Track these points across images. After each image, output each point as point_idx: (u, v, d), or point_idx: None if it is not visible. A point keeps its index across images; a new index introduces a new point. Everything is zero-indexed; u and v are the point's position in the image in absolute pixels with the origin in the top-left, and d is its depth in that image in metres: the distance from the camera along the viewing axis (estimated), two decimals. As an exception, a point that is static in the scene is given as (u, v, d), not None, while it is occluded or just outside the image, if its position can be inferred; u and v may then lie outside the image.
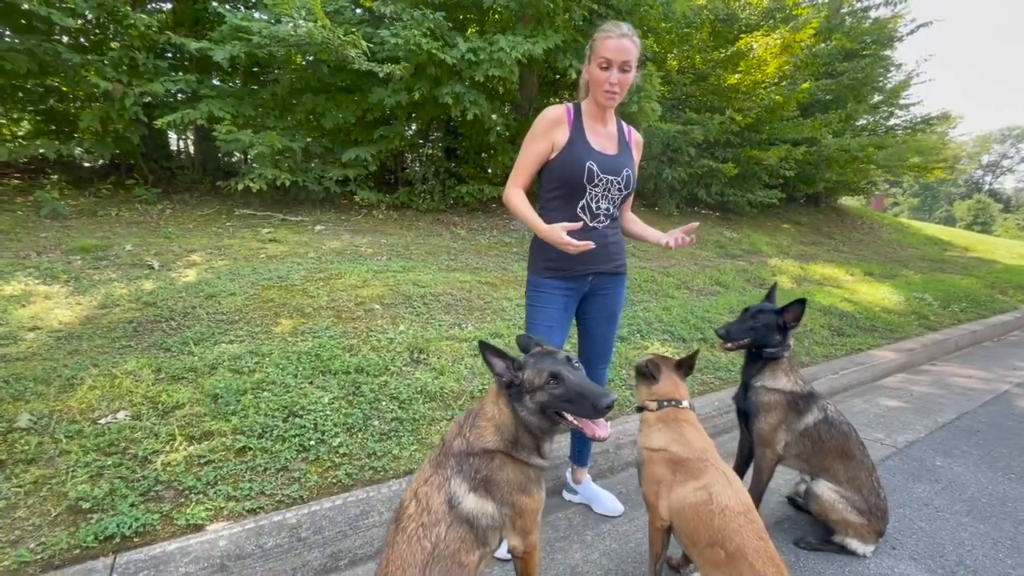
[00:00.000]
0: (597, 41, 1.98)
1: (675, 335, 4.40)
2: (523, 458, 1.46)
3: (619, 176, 2.12)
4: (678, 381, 1.92)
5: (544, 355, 1.48)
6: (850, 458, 2.13)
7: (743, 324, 2.21)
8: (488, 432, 1.45)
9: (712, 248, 7.96)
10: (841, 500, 2.08)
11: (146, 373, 2.70)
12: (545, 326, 2.14)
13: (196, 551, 1.80)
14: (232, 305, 3.66)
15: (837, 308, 5.87)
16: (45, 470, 2.03)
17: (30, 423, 2.23)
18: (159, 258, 4.45)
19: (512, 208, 2.08)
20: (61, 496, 1.93)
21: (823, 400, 2.24)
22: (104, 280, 3.89)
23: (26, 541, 1.76)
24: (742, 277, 6.68)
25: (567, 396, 1.40)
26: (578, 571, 2.01)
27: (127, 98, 5.30)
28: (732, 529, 1.54)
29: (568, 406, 1.40)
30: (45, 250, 4.33)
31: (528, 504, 1.47)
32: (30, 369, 2.60)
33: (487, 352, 1.44)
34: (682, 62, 8.73)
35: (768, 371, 2.21)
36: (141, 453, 2.18)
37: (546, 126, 2.06)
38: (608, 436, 1.44)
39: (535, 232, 2.02)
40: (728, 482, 1.64)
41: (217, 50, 5.36)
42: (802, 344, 4.77)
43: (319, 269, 4.57)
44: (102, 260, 4.29)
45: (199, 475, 2.13)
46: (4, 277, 3.64)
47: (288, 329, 3.47)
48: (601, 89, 2.00)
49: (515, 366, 1.46)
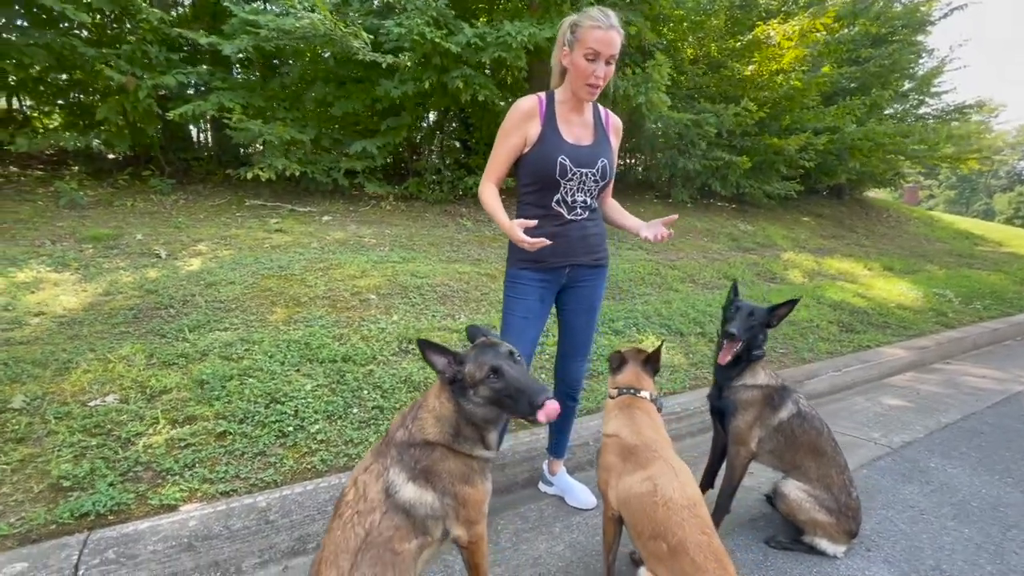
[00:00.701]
0: (583, 30, 1.91)
1: (672, 329, 4.34)
2: (465, 450, 1.47)
3: (594, 168, 2.09)
4: (641, 373, 1.91)
5: (485, 348, 1.48)
6: (821, 455, 2.09)
7: (746, 323, 2.11)
8: (429, 424, 1.47)
9: (724, 241, 7.80)
10: (809, 499, 2.04)
11: (139, 358, 2.80)
12: (520, 317, 2.14)
13: (166, 530, 1.87)
14: (230, 293, 3.75)
15: (849, 304, 5.70)
16: (33, 449, 2.13)
17: (24, 404, 2.34)
18: (167, 247, 4.59)
19: (482, 203, 2.07)
20: (45, 474, 2.02)
21: (796, 394, 2.19)
22: (112, 268, 4.03)
23: (7, 516, 1.85)
24: (752, 271, 6.54)
25: (506, 391, 1.40)
26: (540, 562, 2.02)
27: (140, 91, 5.43)
28: (675, 522, 1.53)
29: (508, 400, 1.41)
30: (60, 238, 4.50)
31: (472, 495, 1.48)
32: (30, 353, 2.73)
33: (427, 350, 1.45)
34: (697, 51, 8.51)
35: (749, 370, 2.16)
36: (125, 435, 2.26)
37: (518, 119, 2.03)
38: (546, 420, 1.44)
39: (498, 224, 2.00)
40: (675, 474, 1.62)
41: (226, 44, 5.46)
42: (806, 340, 4.66)
43: (320, 259, 4.64)
44: (113, 249, 4.44)
45: (178, 457, 2.21)
46: (18, 264, 3.80)
47: (282, 317, 3.54)
48: (585, 81, 1.95)
49: (457, 360, 1.47)
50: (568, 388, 2.37)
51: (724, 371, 2.20)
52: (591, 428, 2.88)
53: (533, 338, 2.17)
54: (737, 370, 2.17)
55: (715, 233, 8.08)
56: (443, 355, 1.46)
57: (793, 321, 4.97)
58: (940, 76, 11.82)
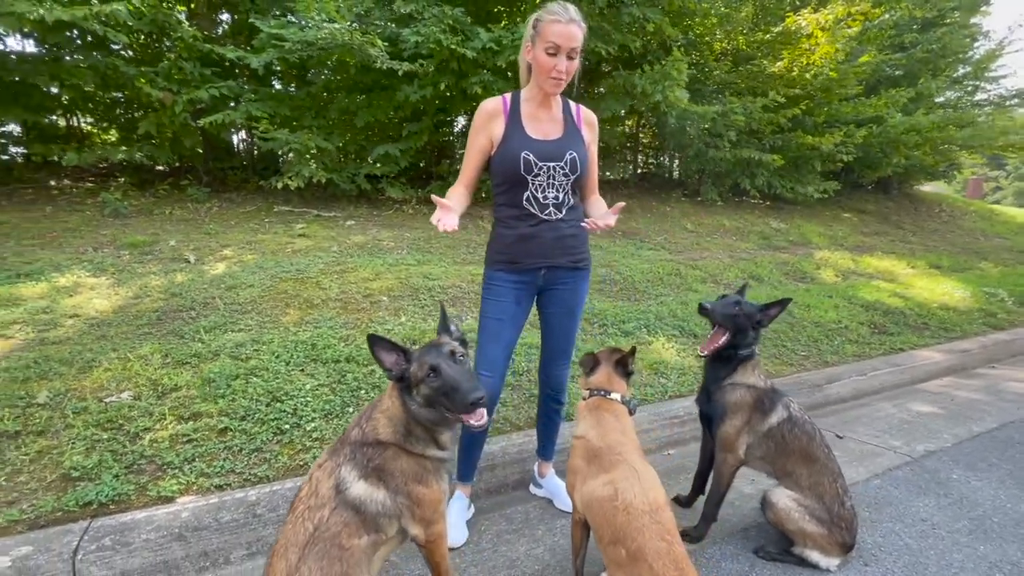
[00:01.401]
0: (544, 24, 1.90)
1: (686, 330, 4.24)
2: (417, 450, 1.49)
3: (561, 161, 2.05)
4: (613, 375, 1.87)
5: (429, 348, 1.51)
6: (813, 461, 1.99)
7: (728, 306, 2.06)
8: (382, 424, 1.50)
9: (754, 239, 7.54)
10: (798, 508, 1.95)
11: (156, 358, 2.97)
12: (495, 319, 2.14)
13: (160, 520, 1.98)
14: (248, 296, 3.93)
15: (883, 304, 5.40)
16: (50, 441, 2.30)
17: (47, 399, 2.53)
18: (196, 252, 4.84)
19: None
20: (58, 465, 2.18)
21: (787, 398, 2.10)
22: (144, 273, 4.29)
23: (20, 502, 2.01)
24: (780, 271, 6.29)
25: (443, 389, 1.43)
26: (517, 564, 2.02)
27: (176, 105, 5.77)
28: (634, 528, 1.50)
29: (445, 399, 1.43)
30: (101, 246, 4.83)
31: (425, 494, 1.50)
32: (60, 352, 2.94)
33: (375, 347, 1.48)
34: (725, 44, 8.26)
35: (740, 370, 2.09)
36: (133, 430, 2.41)
37: (482, 121, 2.04)
38: (481, 424, 1.46)
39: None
40: (637, 478, 1.59)
41: (253, 58, 5.73)
42: (831, 342, 4.44)
43: (337, 262, 4.78)
44: (147, 255, 4.73)
45: (179, 452, 2.33)
46: (61, 270, 4.10)
47: (294, 319, 3.68)
48: (547, 76, 1.94)
49: (407, 358, 1.49)
50: (552, 391, 2.35)
51: (712, 371, 2.14)
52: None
53: (509, 340, 2.16)
54: (726, 370, 2.10)
55: (744, 232, 7.82)
56: (394, 352, 1.49)
57: (819, 322, 4.75)
58: (998, 60, 11.02)
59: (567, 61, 1.93)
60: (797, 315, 4.83)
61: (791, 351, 4.22)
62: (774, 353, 4.15)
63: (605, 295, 4.91)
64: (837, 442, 3.10)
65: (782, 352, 4.18)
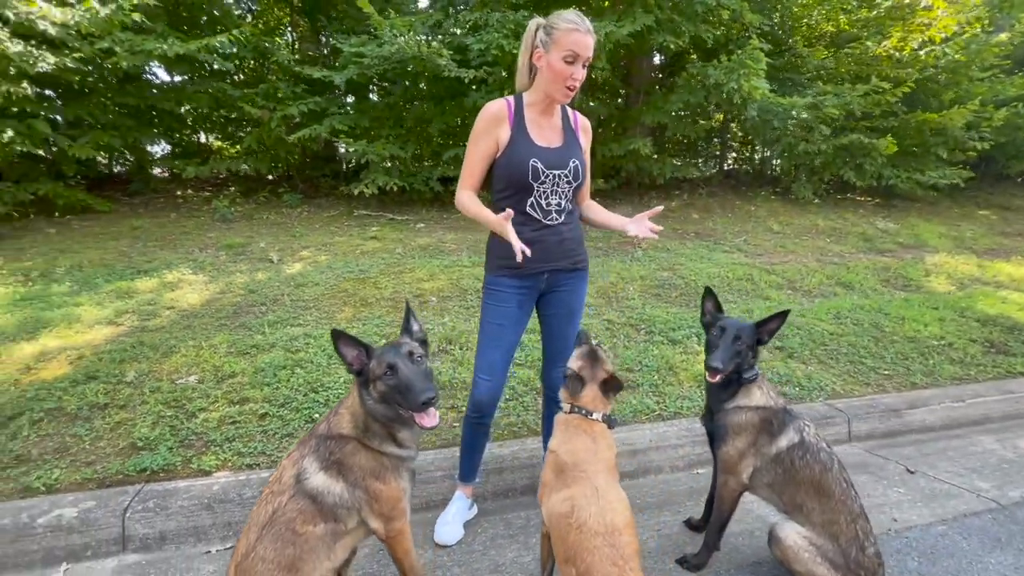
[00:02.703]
0: (561, 32, 1.91)
1: (744, 341, 3.90)
2: (375, 446, 1.56)
3: (566, 169, 2.06)
4: (599, 397, 1.77)
5: (389, 347, 1.57)
6: (827, 496, 1.76)
7: (731, 349, 1.86)
8: (345, 419, 1.59)
9: (852, 242, 6.74)
10: (809, 548, 1.73)
11: (223, 347, 3.37)
12: (496, 324, 2.16)
13: (195, 491, 2.26)
14: (312, 294, 4.30)
15: (1008, 319, 4.56)
16: (128, 414, 2.72)
17: (133, 378, 2.98)
18: (280, 253, 5.39)
19: (463, 210, 2.10)
20: (129, 434, 2.57)
21: (801, 421, 1.88)
22: (233, 271, 4.86)
23: (95, 464, 2.40)
24: (878, 277, 5.56)
25: (399, 388, 1.48)
26: (502, 569, 2.02)
27: (272, 121, 6.47)
28: (585, 548, 1.44)
29: (399, 397, 1.49)
30: (206, 247, 5.55)
31: (382, 491, 1.57)
32: (152, 338, 3.45)
33: (337, 341, 1.57)
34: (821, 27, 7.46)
35: (742, 391, 1.92)
36: (192, 409, 2.76)
37: (487, 124, 2.05)
38: (432, 425, 1.49)
39: (487, 226, 2.00)
40: (596, 498, 1.52)
41: (336, 75, 6.25)
42: (927, 361, 3.85)
43: (397, 264, 5.07)
44: (240, 255, 5.35)
45: (224, 432, 2.63)
46: (169, 267, 4.79)
47: (347, 316, 3.96)
48: (563, 84, 1.95)
49: (368, 355, 1.57)
50: (555, 394, 2.30)
51: (714, 393, 1.97)
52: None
53: (509, 345, 2.17)
54: (728, 392, 1.92)
55: (842, 233, 7.01)
56: (355, 348, 1.57)
57: (914, 337, 4.15)
58: None
59: (581, 70, 1.94)
60: (887, 328, 4.26)
61: (870, 369, 3.73)
62: (847, 370, 3.69)
63: (661, 300, 4.69)
64: (906, 478, 2.70)
65: (858, 370, 3.71)
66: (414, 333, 1.70)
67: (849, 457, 2.93)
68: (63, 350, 3.23)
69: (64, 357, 3.15)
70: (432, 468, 2.50)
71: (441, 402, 3.01)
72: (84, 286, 4.29)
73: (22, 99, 4.89)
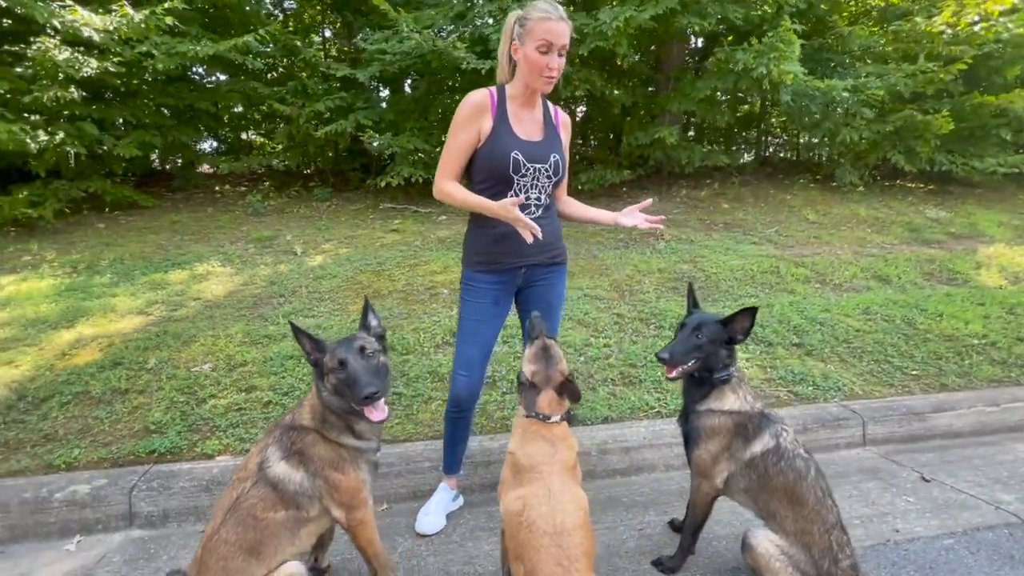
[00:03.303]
0: (534, 22, 1.89)
1: (758, 338, 3.76)
2: (333, 437, 1.61)
3: (546, 163, 2.05)
4: (554, 400, 1.73)
5: (343, 342, 1.61)
6: (800, 505, 1.68)
7: (687, 342, 1.82)
8: (306, 411, 1.65)
9: (896, 232, 6.32)
10: (780, 557, 1.66)
11: (239, 336, 3.54)
12: (473, 320, 2.17)
13: (196, 473, 2.40)
14: (329, 286, 4.44)
15: (1064, 316, 4.18)
16: (145, 399, 2.90)
17: (154, 365, 3.18)
18: (304, 246, 5.58)
19: (449, 199, 2.05)
20: (144, 418, 2.75)
21: (778, 425, 1.79)
22: (259, 263, 5.08)
23: (111, 444, 2.58)
24: (920, 270, 5.20)
25: (347, 382, 1.54)
26: (474, 561, 2.05)
27: (300, 117, 6.67)
28: (532, 547, 1.44)
29: (348, 391, 1.54)
30: (237, 240, 5.81)
31: (341, 481, 1.62)
32: (176, 327, 3.66)
33: (298, 334, 1.63)
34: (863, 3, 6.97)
35: (715, 393, 1.85)
36: (203, 395, 2.93)
37: (469, 114, 2.02)
38: (379, 419, 1.54)
39: (484, 212, 1.95)
40: (548, 499, 1.51)
41: (360, 72, 6.37)
42: (963, 361, 3.59)
43: (414, 256, 5.15)
44: (267, 248, 5.58)
45: (229, 418, 2.77)
46: (201, 260, 5.05)
47: (359, 308, 4.04)
48: (540, 74, 1.93)
49: (319, 349, 1.62)
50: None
51: (688, 393, 1.91)
52: (594, 438, 2.73)
53: (486, 340, 2.18)
54: (701, 392, 1.86)
55: (885, 222, 6.59)
56: (309, 341, 1.63)
57: (952, 335, 3.87)
58: None
59: (558, 58, 1.92)
60: (921, 325, 3.99)
61: (897, 368, 3.51)
62: (870, 370, 3.49)
63: (678, 294, 4.56)
64: (919, 486, 2.54)
65: (883, 369, 3.50)
66: (372, 328, 1.74)
67: (860, 462, 2.78)
68: (96, 338, 3.48)
69: (96, 344, 3.40)
70: (420, 459, 2.55)
71: (439, 394, 3.06)
72: (123, 278, 4.59)
73: (70, 103, 5.23)
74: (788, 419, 2.89)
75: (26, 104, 5.04)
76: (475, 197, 1.98)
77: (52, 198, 5.67)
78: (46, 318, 3.76)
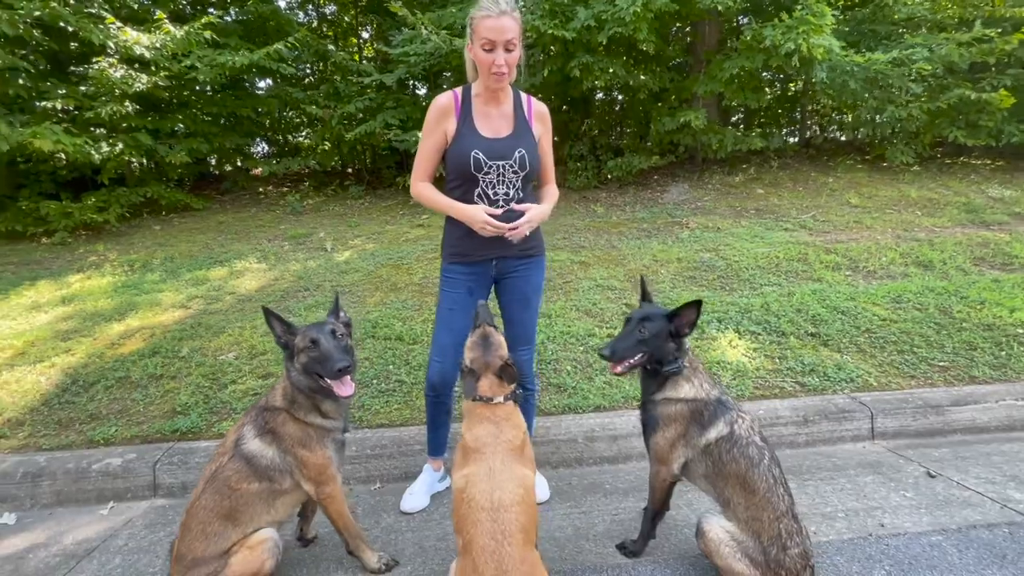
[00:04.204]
0: (476, 21, 1.95)
1: (772, 327, 3.64)
2: (301, 417, 1.76)
3: (511, 159, 2.09)
4: (495, 383, 1.79)
5: (313, 325, 1.76)
6: (751, 492, 1.66)
7: (630, 337, 1.83)
8: (278, 392, 1.80)
9: (950, 214, 5.86)
10: (730, 543, 1.66)
11: (262, 327, 3.81)
12: (447, 309, 2.27)
13: (211, 450, 2.63)
14: (351, 280, 4.67)
15: None
16: (176, 384, 3.21)
17: (186, 354, 3.50)
18: (334, 242, 5.88)
19: (423, 201, 2.20)
20: (173, 401, 3.05)
21: (734, 412, 1.78)
22: (291, 259, 5.40)
23: (143, 424, 2.89)
24: (969, 255, 4.82)
25: (319, 359, 1.68)
26: (447, 538, 2.15)
27: (332, 119, 6.99)
28: (470, 521, 1.52)
29: (319, 367, 1.69)
30: (274, 238, 6.20)
31: (309, 457, 1.77)
32: (209, 320, 3.99)
33: (269, 317, 1.78)
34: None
35: (670, 382, 1.86)
36: (225, 381, 3.20)
37: (435, 117, 2.12)
38: (349, 394, 1.69)
39: (453, 214, 2.10)
40: (489, 477, 1.59)
41: (387, 76, 6.59)
42: (999, 353, 3.33)
43: (433, 250, 5.30)
44: (301, 245, 5.92)
45: (245, 402, 3.02)
46: (239, 257, 5.44)
47: (376, 300, 4.27)
48: (488, 72, 1.99)
49: (289, 331, 1.77)
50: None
51: (644, 384, 1.93)
52: (583, 425, 2.77)
53: (460, 329, 2.25)
54: (655, 383, 1.87)
55: (939, 204, 6.12)
56: (280, 324, 1.78)
57: (992, 324, 3.59)
58: None
59: (505, 54, 1.96)
60: (957, 314, 3.72)
61: (922, 359, 3.31)
62: (891, 360, 3.31)
63: (695, 283, 4.47)
64: (922, 482, 2.41)
65: (906, 360, 3.31)
66: (340, 317, 1.88)
67: (863, 456, 2.68)
68: (141, 329, 3.86)
69: (140, 335, 3.77)
70: (412, 442, 2.69)
71: (437, 382, 3.19)
72: (170, 275, 5.03)
73: (126, 116, 5.74)
74: (787, 410, 2.84)
75: (87, 119, 5.57)
76: (442, 199, 2.08)
77: (115, 204, 6.26)
78: (102, 312, 4.20)
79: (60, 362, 3.45)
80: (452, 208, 2.06)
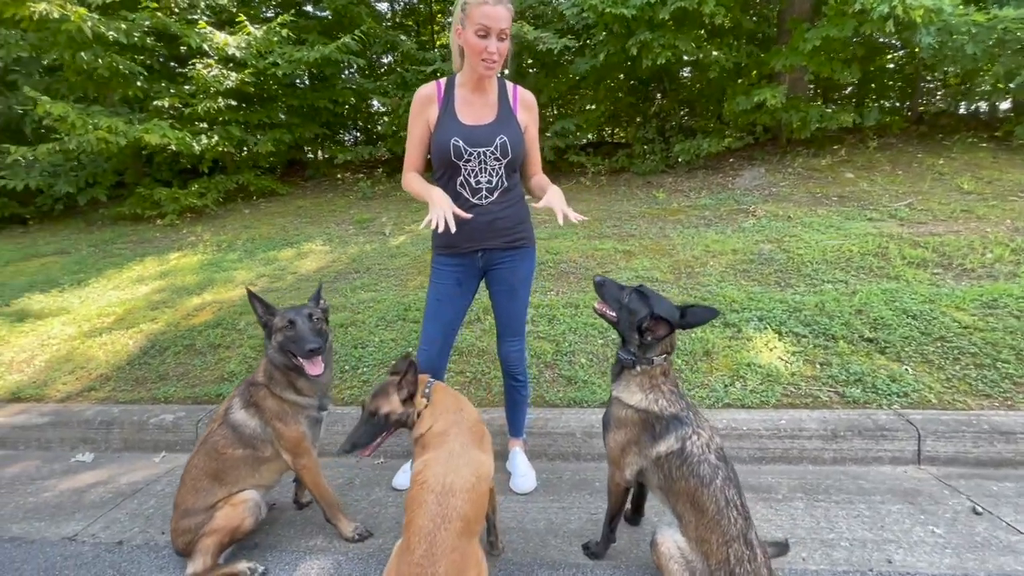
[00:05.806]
0: (470, 6, 1.95)
1: (820, 330, 3.30)
2: (278, 393, 1.92)
3: (491, 147, 2.08)
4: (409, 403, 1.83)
5: (293, 308, 1.91)
6: (701, 512, 1.55)
7: (618, 292, 1.80)
8: (261, 369, 1.97)
9: (1091, 202, 4.86)
10: (680, 560, 1.56)
11: (310, 306, 4.14)
12: (435, 300, 2.32)
13: (244, 415, 2.95)
14: (397, 264, 4.91)
15: None
16: (230, 353, 3.60)
17: (243, 327, 3.90)
18: (393, 227, 6.18)
19: (408, 190, 2.25)
20: (223, 368, 3.43)
21: (688, 429, 1.65)
22: (352, 243, 5.77)
23: (198, 386, 3.29)
24: (1105, 252, 3.97)
25: (294, 338, 1.83)
26: (427, 518, 2.24)
27: (400, 108, 7.28)
28: (417, 501, 1.58)
29: (294, 346, 1.84)
30: (342, 222, 6.64)
31: (284, 431, 1.92)
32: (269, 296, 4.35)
33: (252, 299, 1.95)
34: None
35: (624, 380, 1.77)
36: (268, 354, 3.53)
37: (417, 107, 2.15)
38: (317, 373, 1.82)
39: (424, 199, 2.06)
40: (445, 461, 1.63)
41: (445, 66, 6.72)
42: (1112, 374, 2.75)
43: (481, 236, 5.39)
44: (364, 229, 6.29)
45: (281, 373, 3.32)
46: (308, 240, 5.91)
47: (416, 284, 4.45)
48: (479, 58, 1.99)
49: (268, 312, 1.92)
50: (508, 368, 2.40)
51: (612, 368, 1.87)
52: (583, 420, 2.72)
53: (448, 319, 2.31)
54: (615, 371, 1.80)
55: (1078, 189, 5.08)
56: (262, 305, 1.94)
57: (1110, 340, 2.96)
58: None
59: (498, 43, 1.96)
60: (1066, 325, 3.11)
61: (1005, 376, 2.82)
62: (963, 375, 2.86)
63: (748, 278, 4.14)
64: (962, 518, 2.09)
65: (982, 376, 2.84)
66: (320, 304, 2.02)
67: (900, 482, 2.37)
68: (212, 303, 4.36)
69: (210, 308, 4.26)
70: (416, 423, 2.81)
71: (455, 367, 3.28)
72: (247, 255, 5.60)
73: (220, 110, 6.41)
74: (814, 422, 2.59)
75: (188, 115, 6.30)
76: (419, 186, 2.11)
77: (213, 190, 7.05)
78: (187, 286, 4.79)
79: (146, 328, 4.01)
80: (423, 194, 2.05)
